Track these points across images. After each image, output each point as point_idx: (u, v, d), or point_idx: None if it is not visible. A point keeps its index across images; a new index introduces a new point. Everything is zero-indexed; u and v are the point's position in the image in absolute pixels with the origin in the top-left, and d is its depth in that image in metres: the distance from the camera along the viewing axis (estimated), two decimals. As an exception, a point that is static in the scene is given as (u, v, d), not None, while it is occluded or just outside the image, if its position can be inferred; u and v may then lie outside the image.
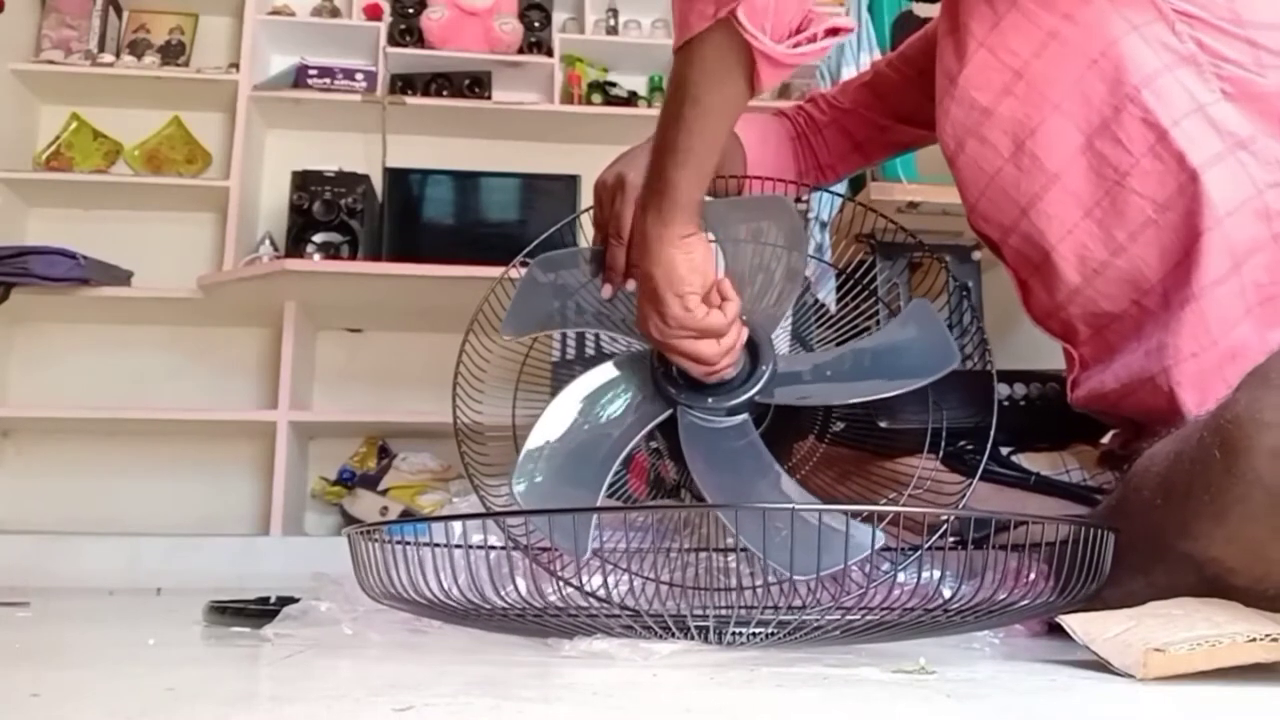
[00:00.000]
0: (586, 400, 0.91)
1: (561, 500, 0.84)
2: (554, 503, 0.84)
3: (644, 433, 0.89)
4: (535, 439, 0.88)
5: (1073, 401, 0.99)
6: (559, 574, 0.73)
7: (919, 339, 0.91)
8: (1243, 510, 0.68)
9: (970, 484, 0.87)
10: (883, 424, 0.97)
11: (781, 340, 0.99)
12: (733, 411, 0.88)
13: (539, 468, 0.86)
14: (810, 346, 1.05)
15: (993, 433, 0.88)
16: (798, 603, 0.70)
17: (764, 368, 0.88)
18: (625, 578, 0.73)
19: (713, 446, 0.86)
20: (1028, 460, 1.08)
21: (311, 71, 2.85)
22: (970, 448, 0.97)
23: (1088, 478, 1.06)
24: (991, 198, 0.95)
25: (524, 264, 1.03)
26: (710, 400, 0.88)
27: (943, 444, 0.93)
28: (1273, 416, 0.66)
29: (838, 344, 1.03)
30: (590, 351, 1.09)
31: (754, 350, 0.90)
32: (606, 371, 0.93)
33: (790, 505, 0.71)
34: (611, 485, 0.94)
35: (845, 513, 0.72)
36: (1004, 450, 1.08)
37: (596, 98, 2.94)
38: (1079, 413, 1.01)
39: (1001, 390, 1.03)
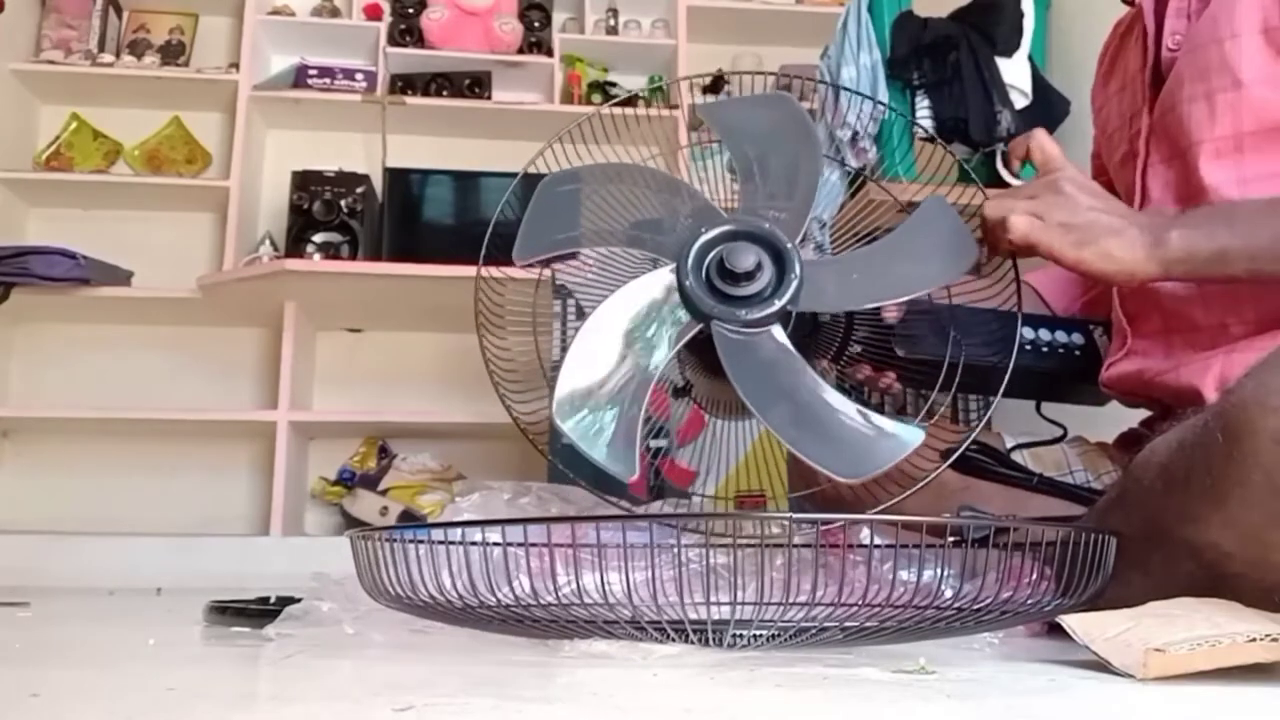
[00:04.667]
0: (628, 331, 0.86)
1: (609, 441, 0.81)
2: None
3: (675, 350, 0.85)
4: (579, 377, 0.83)
5: (1103, 380, 1.00)
6: (555, 578, 0.73)
7: (937, 233, 0.90)
8: (1242, 494, 0.68)
9: (970, 436, 0.87)
10: (900, 352, 0.97)
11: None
12: (764, 322, 0.84)
13: (596, 417, 0.82)
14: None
15: (1009, 374, 0.87)
16: (801, 599, 0.70)
17: (791, 275, 0.84)
18: (622, 579, 0.73)
19: (751, 358, 0.83)
20: (1032, 459, 1.08)
21: (311, 71, 2.85)
22: (975, 450, 0.97)
23: (1091, 479, 1.07)
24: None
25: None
26: (743, 313, 0.83)
27: (957, 379, 0.91)
28: (1278, 401, 0.66)
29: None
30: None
31: (779, 259, 0.85)
32: (638, 293, 0.87)
33: (797, 516, 0.70)
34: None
35: (843, 522, 0.73)
36: (1010, 444, 1.09)
37: (596, 98, 2.94)
38: (1097, 376, 1.02)
39: (1025, 334, 1.02)
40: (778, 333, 0.84)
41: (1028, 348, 1.04)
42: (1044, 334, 1.06)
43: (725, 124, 0.97)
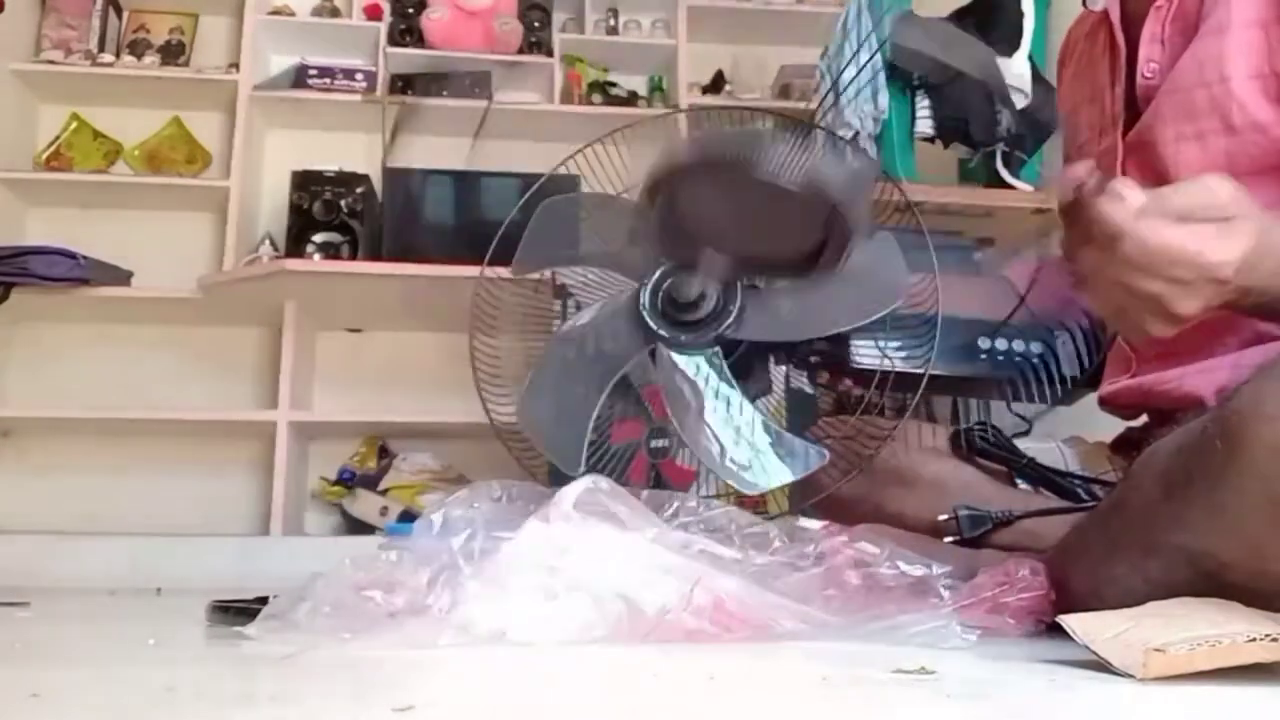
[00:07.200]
0: (580, 336, 1.01)
1: (563, 402, 0.95)
2: (556, 405, 0.95)
3: (629, 366, 0.98)
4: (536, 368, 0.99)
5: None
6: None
7: (875, 273, 0.98)
8: (1240, 503, 0.68)
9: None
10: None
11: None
12: (701, 346, 0.96)
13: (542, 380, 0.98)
14: None
15: (926, 379, 0.96)
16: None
17: (732, 306, 0.95)
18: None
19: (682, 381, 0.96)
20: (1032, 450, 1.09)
21: (311, 71, 2.85)
22: (981, 429, 1.00)
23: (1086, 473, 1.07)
24: None
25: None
26: (684, 337, 0.96)
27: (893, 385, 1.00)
28: (1275, 410, 0.66)
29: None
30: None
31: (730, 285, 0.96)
32: (595, 311, 1.02)
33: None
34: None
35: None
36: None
37: (596, 98, 2.94)
38: (1058, 379, 1.05)
39: (982, 344, 1.08)
40: (695, 362, 0.96)
41: (983, 357, 1.08)
42: (1000, 344, 1.09)
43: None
